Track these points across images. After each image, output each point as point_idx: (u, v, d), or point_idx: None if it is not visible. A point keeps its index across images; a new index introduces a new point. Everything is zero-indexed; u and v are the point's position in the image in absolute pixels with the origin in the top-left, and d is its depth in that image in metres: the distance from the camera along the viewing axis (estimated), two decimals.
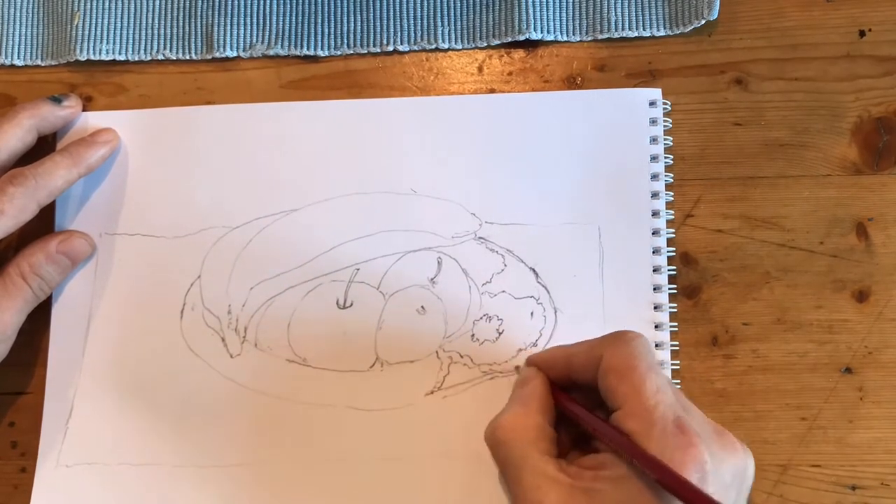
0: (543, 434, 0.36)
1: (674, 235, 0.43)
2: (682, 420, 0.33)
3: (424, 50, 0.46)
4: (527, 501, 0.34)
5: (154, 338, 0.43)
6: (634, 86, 0.44)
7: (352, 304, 0.43)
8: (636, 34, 0.45)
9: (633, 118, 0.44)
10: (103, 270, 0.44)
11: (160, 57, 0.46)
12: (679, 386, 0.41)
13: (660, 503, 0.32)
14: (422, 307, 0.43)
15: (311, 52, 0.46)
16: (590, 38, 0.45)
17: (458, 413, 0.41)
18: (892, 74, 0.43)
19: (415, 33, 0.46)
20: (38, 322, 0.44)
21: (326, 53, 0.46)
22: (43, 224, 0.44)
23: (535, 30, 0.45)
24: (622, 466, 0.33)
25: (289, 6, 0.46)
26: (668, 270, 0.42)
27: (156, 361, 0.43)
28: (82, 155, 0.43)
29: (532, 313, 0.42)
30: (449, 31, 0.46)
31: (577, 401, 0.37)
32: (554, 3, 0.45)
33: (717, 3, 0.44)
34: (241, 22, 0.46)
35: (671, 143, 0.43)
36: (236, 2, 0.46)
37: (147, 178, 0.45)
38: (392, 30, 0.46)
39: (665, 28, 0.45)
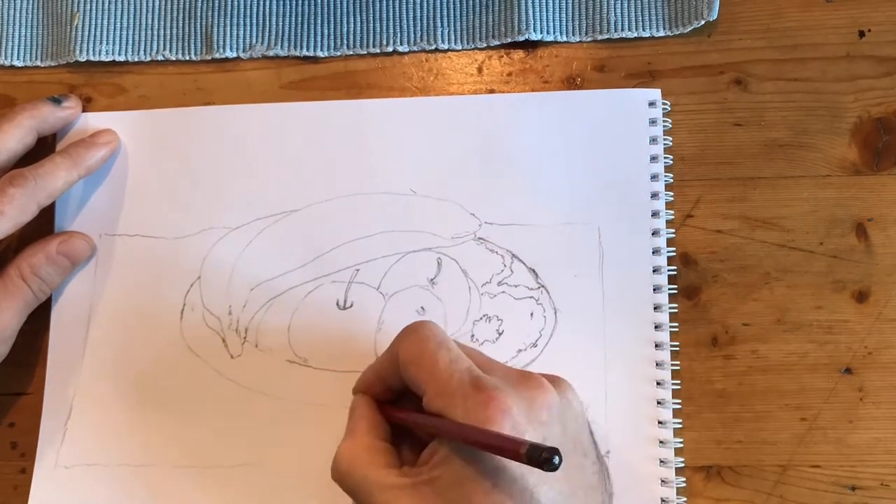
0: (377, 451, 0.36)
1: (674, 236, 0.43)
2: (478, 380, 0.34)
3: (424, 51, 0.46)
4: None
5: (154, 339, 0.43)
6: (634, 86, 0.44)
7: (352, 305, 0.43)
8: (636, 34, 0.45)
9: (632, 118, 0.44)
10: (103, 271, 0.44)
11: (160, 58, 0.46)
12: (678, 386, 0.41)
13: (483, 466, 0.32)
14: (422, 308, 0.43)
15: (311, 53, 0.46)
16: (589, 39, 0.45)
17: None
18: (892, 75, 0.43)
19: (414, 34, 0.46)
20: (38, 323, 0.44)
21: (326, 54, 0.46)
22: (43, 225, 0.44)
23: (534, 30, 0.45)
24: (445, 447, 0.34)
25: (288, 7, 0.46)
26: (668, 271, 0.42)
27: (156, 362, 0.43)
28: (82, 156, 0.43)
29: (532, 313, 0.42)
30: (448, 31, 0.46)
31: (403, 408, 0.37)
32: (553, 3, 0.45)
33: (717, 3, 0.44)
34: (241, 22, 0.46)
35: (671, 144, 0.43)
36: (236, 2, 0.46)
37: (147, 178, 0.45)
38: (392, 30, 0.46)
39: (665, 28, 0.45)
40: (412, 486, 0.33)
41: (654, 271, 0.42)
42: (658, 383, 0.41)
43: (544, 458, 0.29)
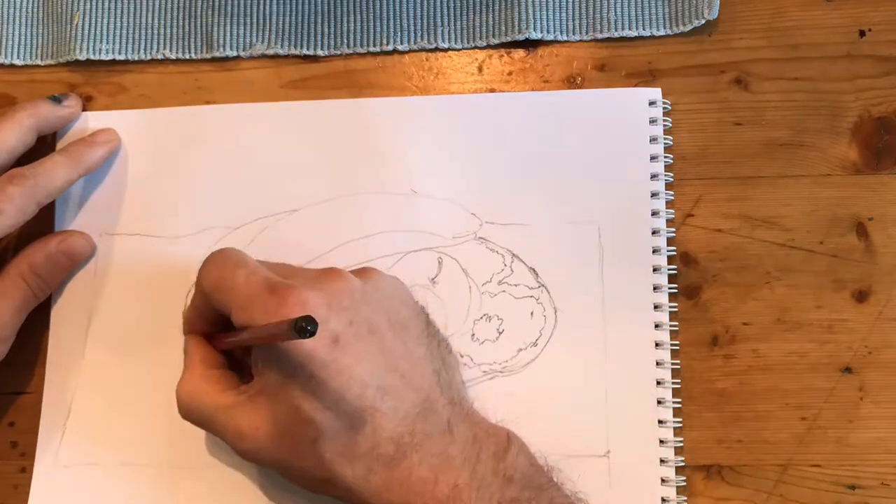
0: (212, 378, 0.38)
1: (674, 235, 0.43)
2: (272, 283, 0.35)
3: (424, 50, 0.46)
4: (231, 438, 0.36)
5: (154, 338, 0.43)
6: (634, 85, 0.44)
7: None
8: (636, 34, 0.45)
9: (632, 118, 0.44)
10: (103, 270, 0.44)
11: (160, 56, 0.46)
12: (678, 385, 0.41)
13: (294, 361, 0.34)
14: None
15: (311, 52, 0.46)
16: (590, 38, 0.45)
17: None
18: (892, 74, 0.43)
19: (414, 33, 0.46)
20: (37, 322, 0.44)
21: (326, 53, 0.46)
22: (43, 224, 0.44)
23: (535, 29, 0.45)
24: (261, 355, 0.36)
25: (288, 6, 0.46)
26: (668, 270, 0.42)
27: (156, 361, 0.43)
28: (82, 155, 0.43)
29: (532, 313, 0.42)
30: (449, 30, 0.46)
31: (221, 333, 0.39)
32: (554, 2, 0.45)
33: (717, 2, 0.44)
34: (241, 21, 0.46)
35: (671, 143, 0.43)
36: (236, 1, 0.46)
37: (147, 178, 0.45)
38: (392, 29, 0.46)
39: (665, 28, 0.45)
40: (249, 400, 0.36)
41: (654, 270, 0.42)
42: (658, 382, 0.41)
43: (299, 326, 0.30)
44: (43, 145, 0.44)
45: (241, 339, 0.36)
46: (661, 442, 0.41)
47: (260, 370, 0.36)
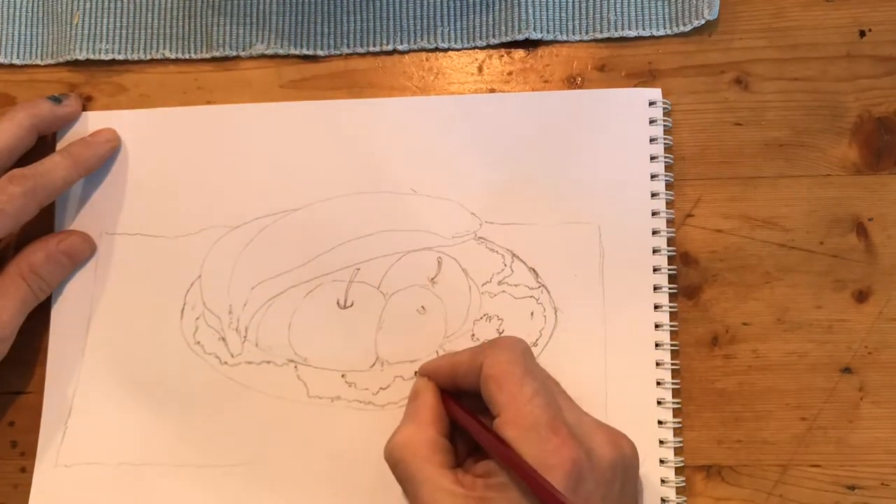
0: (437, 447, 0.36)
1: (674, 235, 0.43)
2: (556, 421, 0.34)
3: (424, 50, 0.46)
4: None
5: (154, 338, 0.43)
6: (634, 86, 0.44)
7: (352, 304, 0.43)
8: (636, 34, 0.45)
9: (632, 118, 0.44)
10: (103, 270, 0.44)
11: (160, 56, 0.46)
12: (678, 386, 0.41)
13: (522, 494, 0.33)
14: (422, 307, 0.43)
15: (311, 52, 0.46)
16: (590, 38, 0.45)
17: None
18: (892, 74, 0.43)
19: (414, 33, 0.46)
20: (37, 322, 0.44)
21: (326, 53, 0.46)
22: (43, 224, 0.44)
23: (535, 29, 0.45)
24: (505, 474, 0.34)
25: (288, 6, 0.46)
26: (668, 270, 0.42)
27: (156, 361, 0.43)
28: (82, 155, 0.43)
29: (532, 313, 0.42)
30: (449, 30, 0.46)
31: (467, 408, 0.37)
32: (554, 2, 0.45)
33: (717, 2, 0.44)
34: (241, 21, 0.46)
35: (671, 143, 0.43)
36: (235, 1, 0.46)
37: (147, 177, 0.45)
38: (392, 29, 0.46)
39: (665, 28, 0.45)
40: (463, 498, 0.34)
41: (654, 271, 0.42)
42: (658, 383, 0.41)
43: None
44: (43, 145, 0.44)
45: (497, 451, 0.34)
46: (661, 442, 0.41)
47: (492, 484, 0.34)
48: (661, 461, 0.40)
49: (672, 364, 0.41)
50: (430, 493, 0.34)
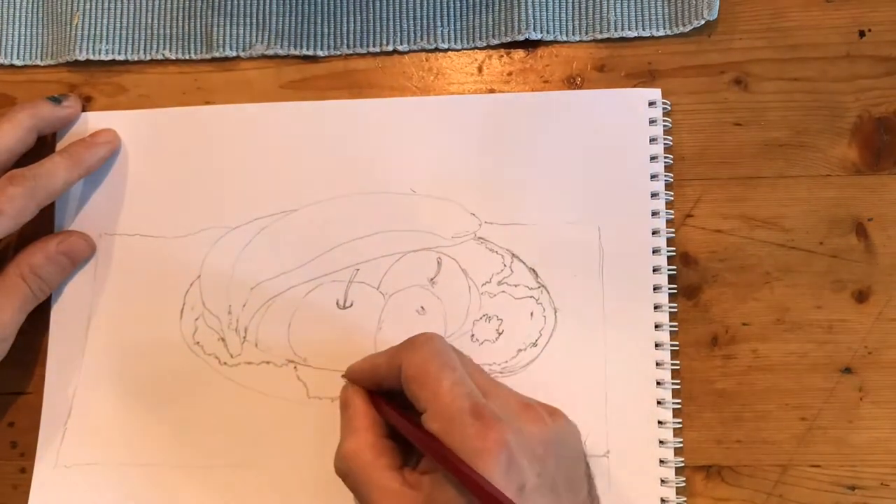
0: (378, 450, 0.36)
1: (673, 235, 0.43)
2: (478, 407, 0.34)
3: (424, 50, 0.46)
4: None
5: (154, 338, 0.43)
6: (634, 86, 0.44)
7: (352, 305, 0.43)
8: (636, 34, 0.45)
9: (632, 118, 0.44)
10: (103, 271, 0.44)
11: (160, 57, 0.46)
12: (678, 386, 0.41)
13: (461, 492, 0.33)
14: (421, 307, 0.43)
15: (311, 52, 0.46)
16: (589, 38, 0.45)
17: None
18: (892, 74, 0.43)
19: (414, 33, 0.46)
20: (37, 322, 0.44)
21: (326, 53, 0.46)
22: (43, 224, 0.44)
23: (534, 30, 0.45)
24: (442, 470, 0.34)
25: (288, 6, 0.46)
26: (668, 270, 0.42)
27: (155, 362, 0.43)
28: (82, 155, 0.43)
29: (532, 313, 0.42)
30: (448, 31, 0.46)
31: (396, 407, 0.37)
32: (554, 3, 0.45)
33: (717, 3, 0.44)
34: (241, 22, 0.46)
35: (671, 143, 0.43)
36: (236, 1, 0.46)
37: (147, 178, 0.45)
38: (391, 30, 0.46)
39: (665, 28, 0.45)
40: (410, 497, 0.34)
41: (654, 271, 0.42)
42: (658, 383, 0.41)
43: None
44: (43, 146, 0.44)
45: (427, 447, 0.35)
46: (661, 442, 0.41)
47: (432, 475, 0.34)
48: (661, 461, 0.40)
49: (672, 364, 0.41)
50: (380, 498, 0.34)
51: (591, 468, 0.39)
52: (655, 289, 0.42)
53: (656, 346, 0.42)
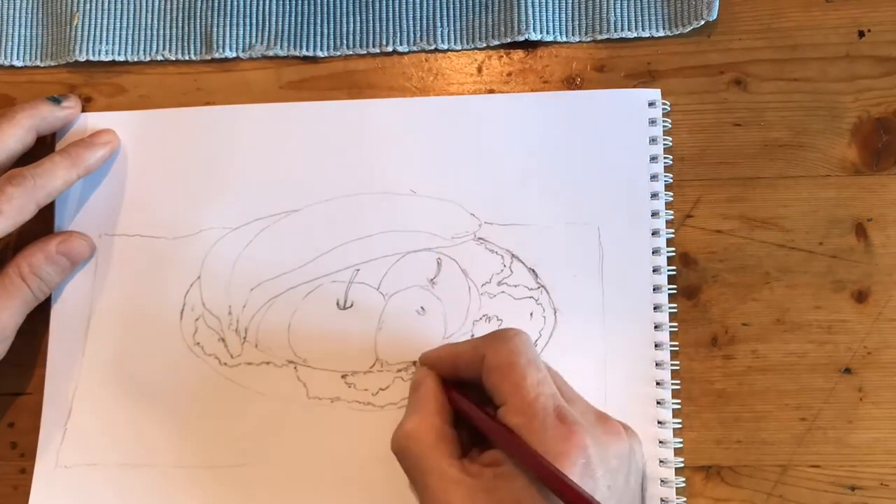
0: (443, 436, 0.36)
1: (673, 236, 0.43)
2: (562, 410, 0.34)
3: (424, 51, 0.46)
4: (430, 502, 0.34)
5: (154, 339, 0.43)
6: (634, 86, 0.44)
7: (352, 305, 0.43)
8: (635, 35, 0.45)
9: (632, 119, 0.44)
10: (103, 271, 0.44)
11: (159, 57, 0.46)
12: (678, 386, 0.41)
13: (542, 498, 0.33)
14: (422, 308, 0.43)
15: (311, 53, 0.46)
16: (589, 39, 0.45)
17: None
18: (892, 75, 0.43)
19: (414, 34, 0.46)
20: (37, 323, 0.44)
21: (326, 54, 0.46)
22: (42, 225, 0.44)
23: (534, 30, 0.45)
24: (511, 462, 0.34)
25: (288, 7, 0.46)
26: (668, 271, 0.42)
27: (155, 362, 0.43)
28: (81, 156, 0.43)
29: (532, 314, 0.42)
30: (448, 31, 0.46)
31: (470, 397, 0.38)
32: (553, 3, 0.45)
33: (717, 3, 0.44)
34: (241, 22, 0.46)
35: (671, 144, 0.43)
36: (235, 2, 0.46)
37: (147, 178, 0.45)
38: (391, 30, 0.46)
39: (664, 28, 0.45)
40: (471, 487, 0.34)
41: (653, 271, 0.42)
42: (658, 383, 0.41)
43: None
44: (42, 146, 0.44)
45: (502, 438, 0.34)
46: (661, 443, 0.41)
47: (499, 473, 0.34)
48: (661, 461, 0.40)
49: (672, 364, 0.41)
50: (437, 482, 0.34)
51: (645, 491, 0.39)
52: (655, 289, 0.42)
53: (656, 346, 0.42)
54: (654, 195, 0.43)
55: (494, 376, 0.36)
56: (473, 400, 0.37)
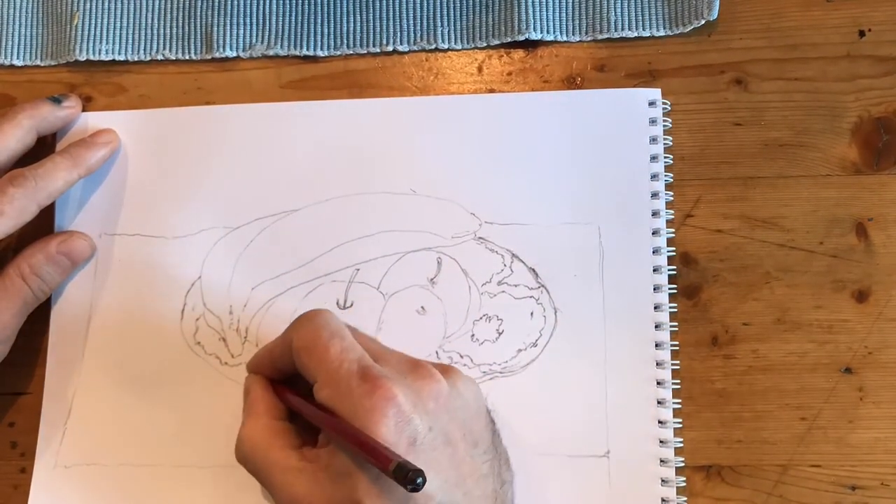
0: (275, 432, 0.37)
1: (674, 235, 0.43)
2: (365, 369, 0.34)
3: (424, 50, 0.46)
4: (284, 500, 0.35)
5: (154, 338, 0.43)
6: (634, 86, 0.44)
7: (352, 305, 0.43)
8: (636, 34, 0.45)
9: (632, 118, 0.44)
10: (103, 271, 0.44)
11: (160, 57, 0.46)
12: (678, 386, 0.41)
13: (358, 466, 0.33)
14: (422, 307, 0.43)
15: (311, 53, 0.46)
16: (589, 39, 0.45)
17: None
18: (892, 74, 0.43)
19: (414, 33, 0.46)
20: (37, 322, 0.44)
21: (326, 53, 0.46)
22: (43, 225, 0.44)
23: (534, 30, 0.45)
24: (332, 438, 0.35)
25: (288, 6, 0.46)
26: (668, 270, 0.42)
27: (156, 362, 0.43)
28: (82, 156, 0.43)
29: (532, 313, 0.42)
30: (448, 31, 0.46)
31: (295, 391, 0.38)
32: (553, 3, 0.45)
33: (717, 3, 0.44)
34: (241, 22, 0.46)
35: (671, 143, 0.43)
36: (236, 2, 0.46)
37: (147, 178, 0.45)
38: (392, 30, 0.46)
39: (665, 28, 0.45)
40: (310, 471, 0.35)
41: (654, 271, 0.42)
42: (658, 383, 0.41)
43: (409, 477, 0.30)
44: (43, 146, 0.44)
45: (318, 418, 0.35)
46: (661, 442, 0.41)
47: (330, 450, 0.35)
48: (662, 461, 0.40)
49: (672, 364, 0.41)
50: (280, 475, 0.35)
51: (495, 423, 0.39)
52: (655, 289, 0.42)
53: (656, 345, 0.42)
54: (655, 195, 0.43)
55: (303, 356, 0.36)
56: (298, 392, 0.38)
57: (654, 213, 0.43)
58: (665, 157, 0.43)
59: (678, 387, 0.41)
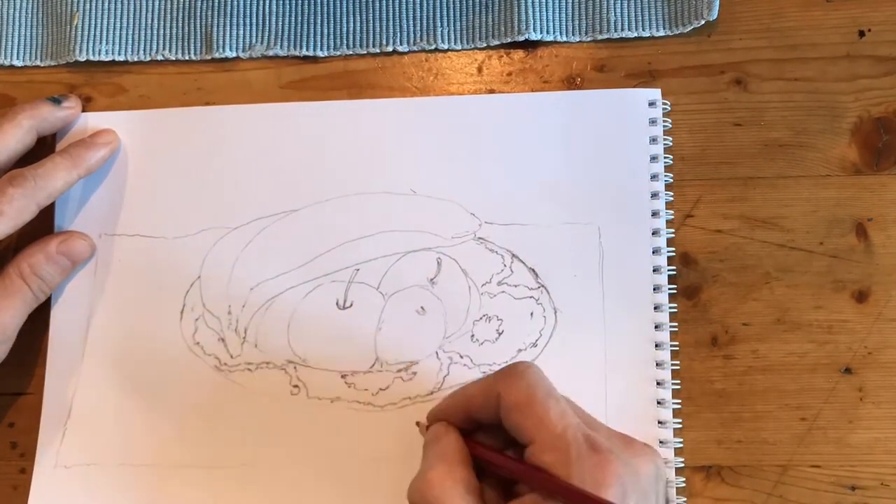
0: (471, 487, 0.34)
1: (673, 236, 0.43)
2: (592, 438, 0.33)
3: (424, 50, 0.46)
4: None
5: (154, 338, 0.43)
6: (634, 86, 0.44)
7: (352, 305, 0.43)
8: (636, 34, 0.45)
9: (632, 118, 0.44)
10: (103, 271, 0.44)
11: (160, 57, 0.46)
12: (678, 386, 0.41)
13: None
14: (421, 307, 0.43)
15: (311, 53, 0.46)
16: (589, 39, 0.45)
17: None
18: (892, 74, 0.43)
19: (414, 34, 0.46)
20: (38, 323, 0.44)
21: (326, 54, 0.46)
22: (42, 225, 0.44)
23: (534, 30, 0.45)
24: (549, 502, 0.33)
25: (288, 6, 0.46)
26: (668, 270, 0.42)
27: (155, 362, 0.43)
28: (82, 156, 0.43)
29: (532, 313, 0.42)
30: (448, 31, 0.46)
31: (487, 444, 0.36)
32: (553, 3, 0.45)
33: (717, 3, 0.44)
34: (241, 22, 0.46)
35: (671, 144, 0.43)
36: (235, 2, 0.46)
37: (147, 178, 0.45)
38: (391, 30, 0.46)
39: (665, 28, 0.45)
40: None
41: (654, 271, 0.42)
42: (658, 383, 0.41)
43: None
44: (43, 146, 0.44)
45: (526, 474, 0.33)
46: (661, 442, 0.41)
47: None
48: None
49: (672, 364, 0.41)
50: None
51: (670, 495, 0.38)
52: (655, 289, 0.42)
53: (656, 346, 0.42)
54: (655, 195, 0.43)
55: (515, 415, 0.34)
56: (493, 446, 0.36)
57: (654, 214, 0.43)
58: (665, 158, 0.43)
59: (678, 387, 0.41)
